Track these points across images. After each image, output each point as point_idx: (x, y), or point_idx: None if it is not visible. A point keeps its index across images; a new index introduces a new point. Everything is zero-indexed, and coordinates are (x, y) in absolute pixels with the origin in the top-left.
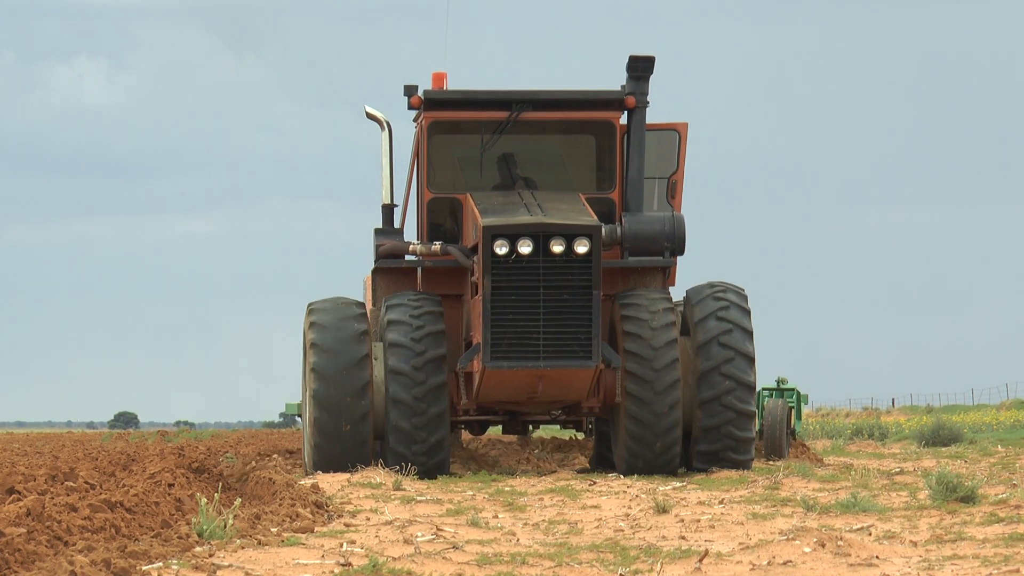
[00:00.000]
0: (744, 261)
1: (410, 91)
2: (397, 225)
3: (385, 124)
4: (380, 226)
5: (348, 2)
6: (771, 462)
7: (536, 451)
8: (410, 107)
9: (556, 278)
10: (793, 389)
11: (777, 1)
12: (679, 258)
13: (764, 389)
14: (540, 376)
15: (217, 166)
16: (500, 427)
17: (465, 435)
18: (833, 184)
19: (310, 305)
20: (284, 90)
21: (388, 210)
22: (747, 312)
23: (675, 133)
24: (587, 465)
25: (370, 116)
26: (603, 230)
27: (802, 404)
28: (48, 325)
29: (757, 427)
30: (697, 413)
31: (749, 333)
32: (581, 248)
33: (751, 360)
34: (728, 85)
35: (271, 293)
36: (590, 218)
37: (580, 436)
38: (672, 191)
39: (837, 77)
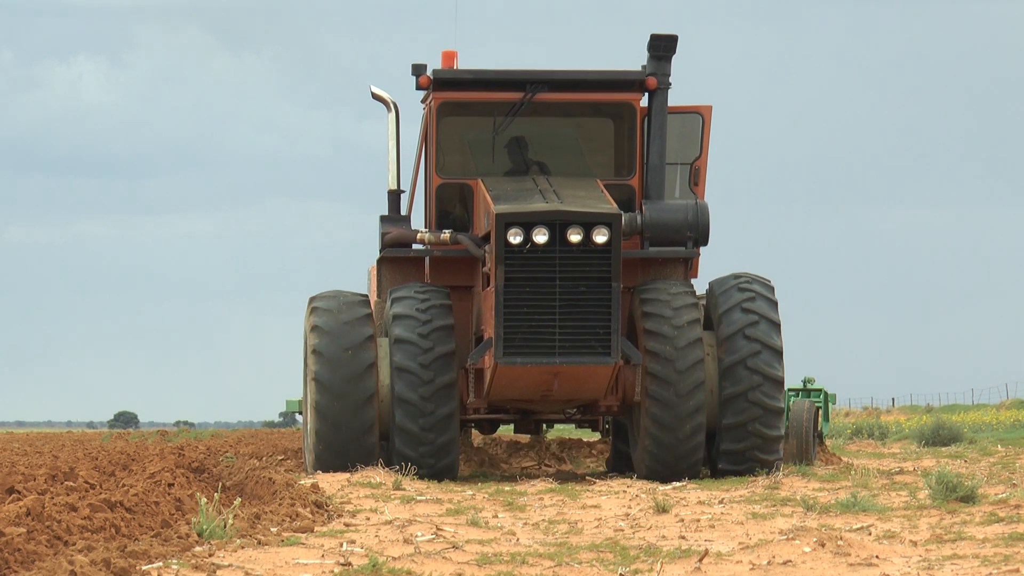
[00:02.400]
0: (741, 257)
1: (418, 70)
2: (404, 212)
3: (392, 105)
4: (386, 213)
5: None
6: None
7: (550, 451)
8: (418, 87)
9: (573, 269)
10: (820, 389)
11: None
12: (700, 249)
13: (790, 389)
14: (555, 373)
15: (217, 166)
16: (512, 427)
17: (475, 435)
18: (831, 184)
19: (312, 301)
20: (284, 90)
21: (394, 196)
22: (774, 304)
23: (698, 116)
24: (604, 467)
25: (376, 97)
26: (623, 218)
27: (830, 405)
28: (48, 325)
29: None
30: (720, 410)
31: (777, 325)
32: (600, 237)
33: (779, 353)
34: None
35: (271, 293)
36: (609, 206)
37: (596, 436)
38: (695, 177)
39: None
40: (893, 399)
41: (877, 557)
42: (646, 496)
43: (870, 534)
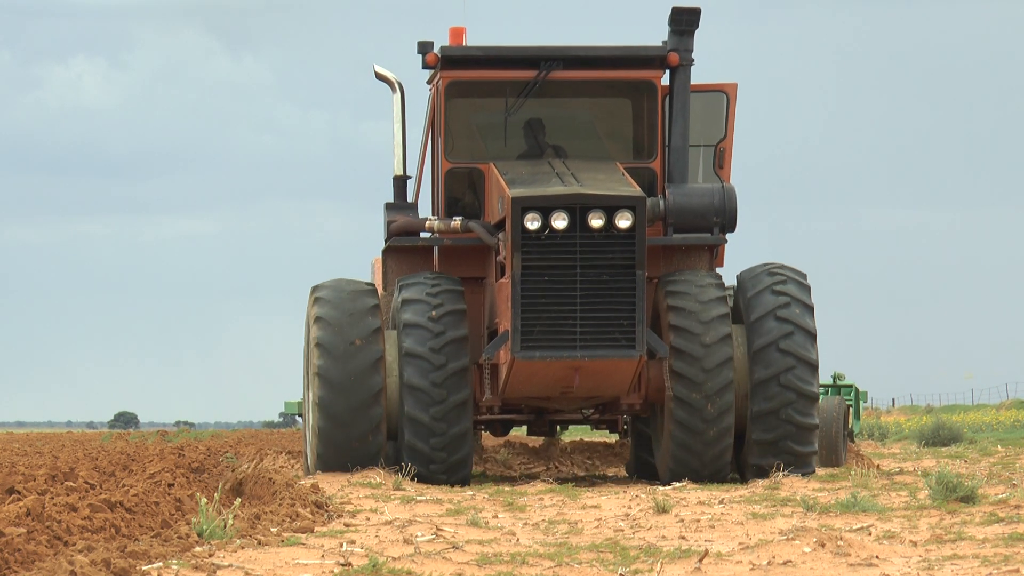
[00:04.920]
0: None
1: (425, 48)
2: (411, 199)
3: (397, 85)
4: (391, 200)
5: None
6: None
7: (567, 454)
8: (425, 66)
9: (595, 256)
10: (851, 386)
11: None
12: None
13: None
14: (576, 367)
15: (217, 166)
16: (525, 429)
17: (487, 438)
18: (830, 184)
19: (315, 289)
20: (284, 90)
21: (400, 182)
22: (807, 288)
23: (723, 95)
24: (623, 472)
25: (380, 77)
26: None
27: (861, 402)
28: (48, 325)
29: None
30: (751, 424)
31: (810, 308)
32: (623, 222)
33: (812, 336)
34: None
35: (271, 293)
36: (632, 188)
37: (614, 438)
38: (720, 160)
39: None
40: (893, 399)
41: (877, 557)
42: (646, 496)
43: (870, 534)
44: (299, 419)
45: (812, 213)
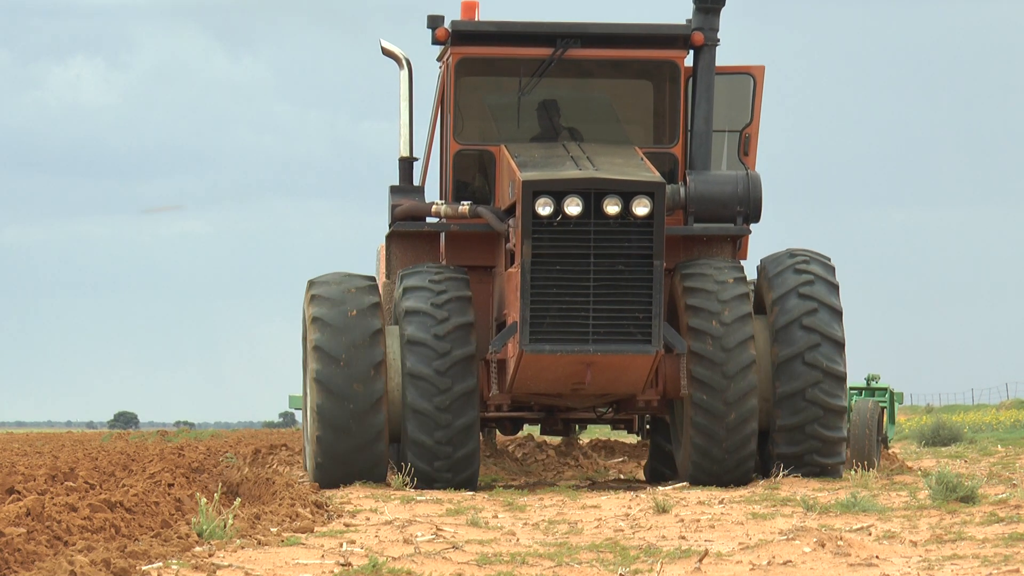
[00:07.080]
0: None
1: (435, 22)
2: (417, 183)
3: (404, 61)
4: (396, 183)
5: None
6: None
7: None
8: (435, 41)
9: (610, 245)
10: (885, 388)
11: None
12: (751, 226)
13: (852, 388)
14: (589, 363)
15: (216, 166)
16: (539, 427)
17: (499, 437)
18: (827, 183)
19: (311, 286)
20: (283, 90)
21: (406, 164)
22: (835, 288)
23: (749, 78)
24: (640, 474)
25: (386, 52)
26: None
27: (895, 405)
28: (48, 325)
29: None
30: (775, 411)
31: (838, 314)
32: (641, 209)
33: (840, 346)
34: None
35: (271, 293)
36: (651, 174)
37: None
38: (745, 146)
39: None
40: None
41: (877, 557)
42: (646, 496)
43: (870, 534)
44: (299, 414)
45: (808, 212)
